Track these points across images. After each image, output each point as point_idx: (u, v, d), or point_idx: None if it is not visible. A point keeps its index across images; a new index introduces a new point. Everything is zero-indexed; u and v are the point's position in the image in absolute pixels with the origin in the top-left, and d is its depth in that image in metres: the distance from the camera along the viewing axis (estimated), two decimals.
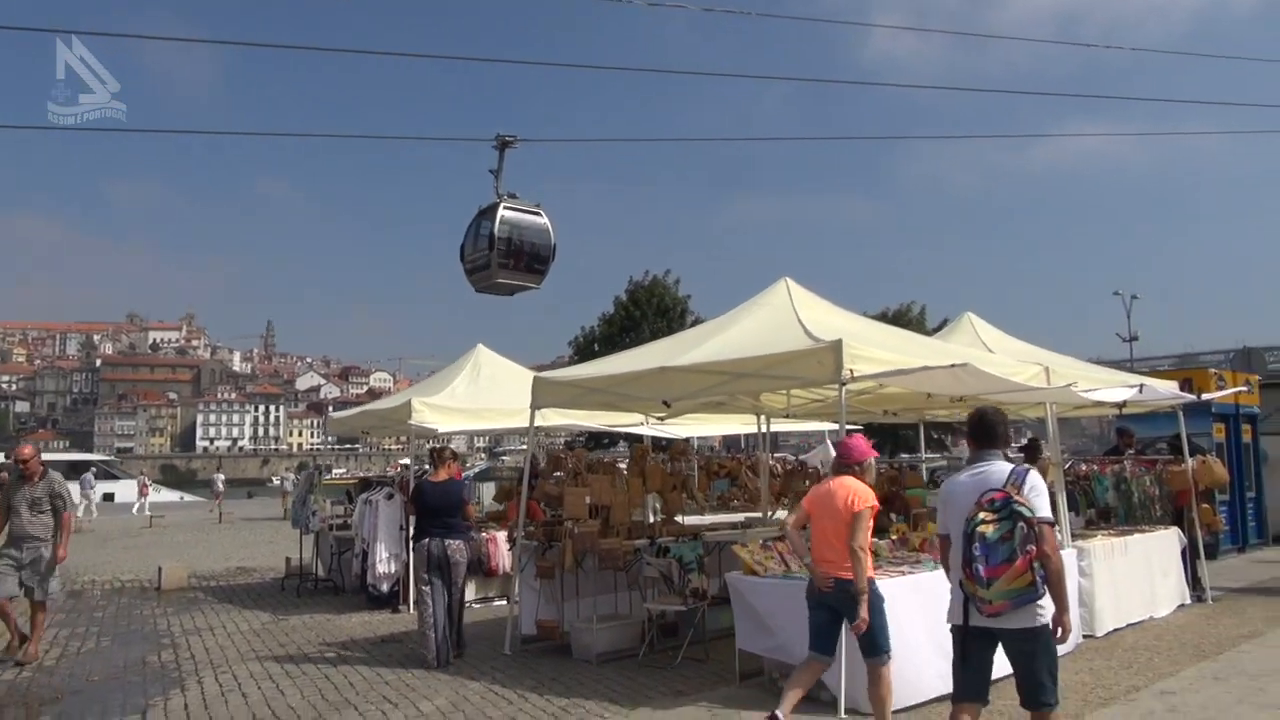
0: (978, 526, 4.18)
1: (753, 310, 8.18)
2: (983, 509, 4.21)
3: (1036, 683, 4.28)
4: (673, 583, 7.71)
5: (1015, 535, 4.13)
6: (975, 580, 4.15)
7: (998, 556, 4.11)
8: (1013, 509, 4.17)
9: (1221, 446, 15.08)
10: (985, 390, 7.47)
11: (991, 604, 4.15)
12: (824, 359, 6.49)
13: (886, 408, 10.18)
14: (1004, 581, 4.10)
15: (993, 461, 4.48)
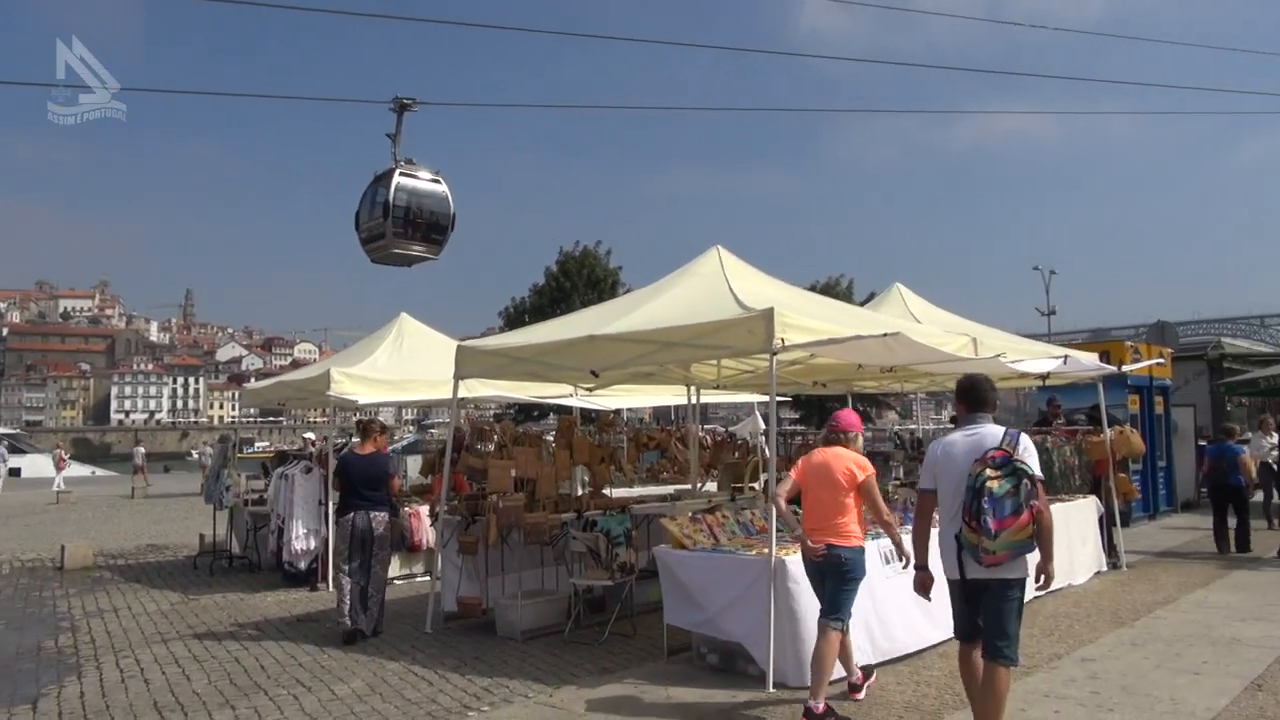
0: (986, 482, 4.41)
1: (684, 279, 8.00)
2: (988, 466, 4.45)
3: (1005, 633, 4.54)
4: (600, 557, 7.54)
5: (1020, 491, 4.40)
6: (982, 532, 4.38)
7: (1004, 510, 4.37)
8: (1015, 467, 4.44)
9: (1136, 417, 15.50)
10: (916, 360, 7.42)
11: (995, 555, 4.40)
12: (755, 328, 6.34)
13: (816, 379, 10.14)
14: (1010, 534, 4.37)
15: (984, 424, 4.74)
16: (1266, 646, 6.88)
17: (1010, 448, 4.50)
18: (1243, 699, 5.62)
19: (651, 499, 9.62)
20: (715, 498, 9.56)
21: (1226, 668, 6.33)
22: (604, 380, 9.21)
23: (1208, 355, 19.87)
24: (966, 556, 4.53)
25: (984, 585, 4.55)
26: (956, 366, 8.09)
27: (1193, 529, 14.32)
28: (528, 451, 7.83)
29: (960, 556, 4.56)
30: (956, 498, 4.58)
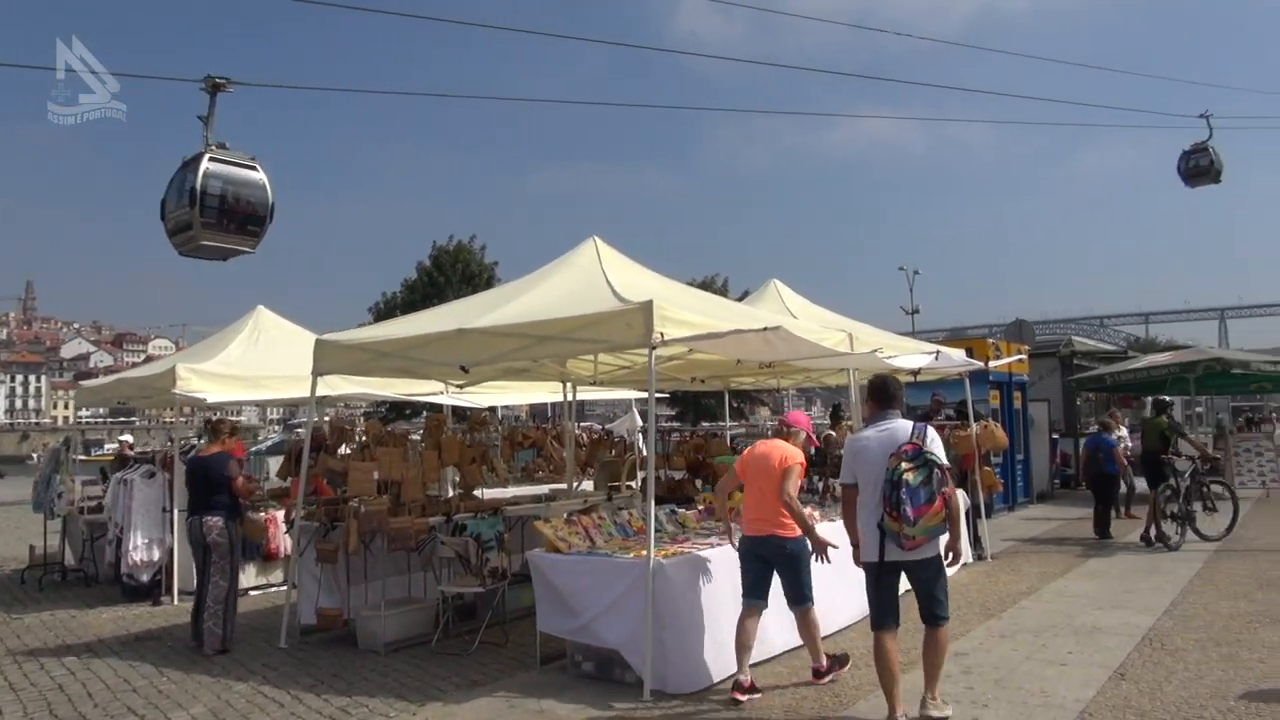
0: (902, 475, 4.83)
1: (559, 270, 7.69)
2: (903, 459, 4.86)
3: (935, 600, 5.07)
4: (469, 562, 7.15)
5: (932, 480, 4.85)
6: (902, 520, 4.80)
7: (920, 499, 4.80)
8: (926, 458, 4.88)
9: (996, 412, 16.08)
10: (794, 356, 7.33)
11: (914, 539, 4.84)
12: (633, 321, 6.09)
13: (695, 374, 9.98)
14: (926, 519, 4.81)
15: (894, 419, 5.17)
16: (1124, 634, 7.09)
17: (919, 440, 4.93)
18: (1108, 689, 5.72)
19: (525, 500, 9.26)
20: (591, 497, 9.29)
21: (1090, 657, 6.47)
22: (475, 376, 8.82)
23: (1060, 352, 20.87)
24: (888, 542, 4.92)
25: (901, 567, 5.03)
26: (833, 362, 8.08)
27: (1048, 519, 14.96)
28: (392, 452, 7.35)
29: (882, 542, 4.95)
30: (875, 489, 4.97)
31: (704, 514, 7.96)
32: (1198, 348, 22.63)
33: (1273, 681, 5.77)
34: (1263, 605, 8.00)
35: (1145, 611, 7.87)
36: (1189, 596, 8.48)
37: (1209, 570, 9.83)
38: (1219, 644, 6.73)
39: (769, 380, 11.38)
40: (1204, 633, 7.08)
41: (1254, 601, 8.16)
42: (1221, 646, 6.65)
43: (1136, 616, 7.67)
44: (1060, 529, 13.81)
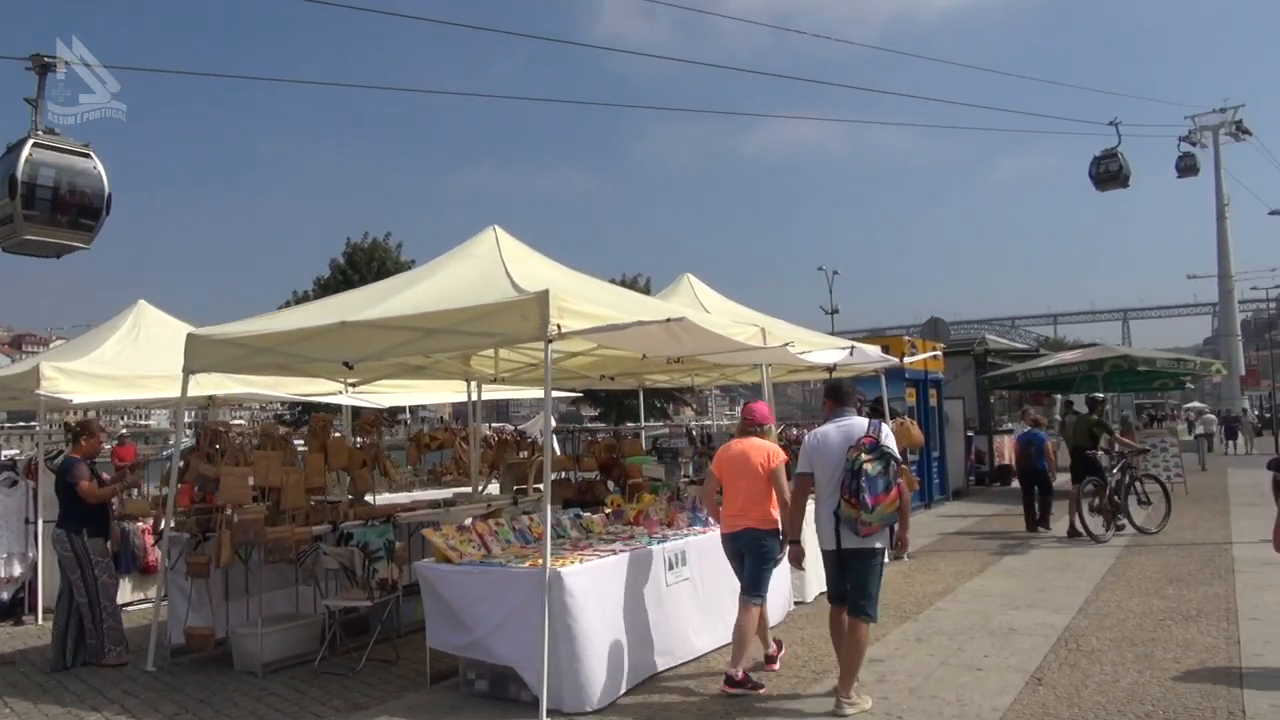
0: (862, 465, 5.12)
1: (456, 260, 7.20)
2: (862, 451, 5.17)
3: (868, 594, 5.32)
4: (354, 574, 6.60)
5: (889, 471, 5.16)
6: (860, 507, 5.09)
7: (877, 488, 5.11)
8: (883, 451, 5.20)
9: (913, 409, 16.07)
10: (703, 350, 6.98)
11: (870, 526, 5.15)
12: (528, 312, 5.65)
13: (604, 372, 9.58)
14: (883, 507, 5.12)
15: (850, 416, 5.53)
16: (1040, 635, 6.92)
17: (876, 435, 5.28)
18: (1025, 695, 5.49)
19: (424, 505, 8.72)
20: (495, 501, 8.80)
21: (1006, 660, 6.26)
22: (366, 374, 8.28)
23: (974, 351, 21.09)
24: (844, 529, 5.23)
25: (855, 554, 5.28)
26: (745, 357, 7.77)
27: (964, 515, 14.97)
28: (270, 456, 6.75)
29: (837, 529, 5.26)
30: (833, 480, 5.27)
31: (611, 517, 7.56)
32: (1105, 345, 23.16)
33: (1188, 684, 5.62)
34: (1174, 601, 7.95)
35: (1060, 610, 7.74)
36: (1102, 594, 8.40)
37: (1120, 566, 9.82)
38: (1133, 643, 6.59)
39: (684, 378, 11.05)
40: (1118, 631, 6.95)
41: (1165, 598, 8.11)
42: (1136, 646, 6.51)
43: (1051, 616, 7.53)
44: (976, 525, 13.81)
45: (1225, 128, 50.30)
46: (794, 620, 7.69)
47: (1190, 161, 46.15)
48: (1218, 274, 51.99)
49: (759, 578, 5.87)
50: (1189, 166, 46.17)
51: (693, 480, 8.78)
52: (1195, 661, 6.09)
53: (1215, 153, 50.10)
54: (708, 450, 9.59)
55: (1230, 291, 52.34)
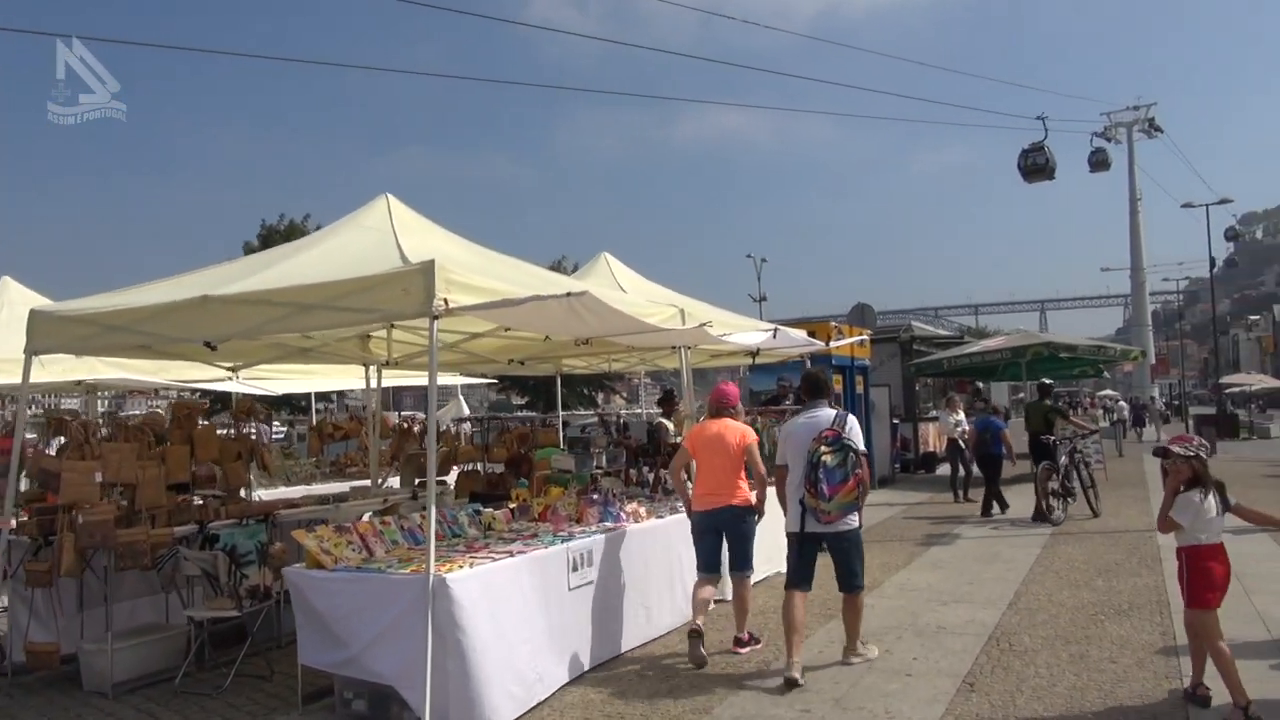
0: (821, 457, 5.42)
1: (343, 231, 6.49)
2: (822, 444, 5.45)
3: (851, 570, 5.76)
4: (217, 581, 5.87)
5: (847, 463, 5.44)
6: (819, 497, 5.42)
7: (835, 479, 5.40)
8: (843, 443, 5.48)
9: (840, 397, 15.77)
10: (615, 331, 6.40)
11: (830, 514, 5.47)
12: (411, 286, 5.00)
13: (514, 356, 8.91)
14: (841, 497, 5.43)
15: (820, 408, 5.80)
16: (971, 633, 6.54)
17: (839, 428, 5.56)
18: (958, 703, 5.05)
19: (312, 500, 7.98)
20: (394, 496, 8.11)
21: (937, 664, 5.84)
22: (243, 357, 7.51)
23: (900, 337, 20.95)
24: (808, 516, 5.56)
25: (821, 538, 5.66)
26: (660, 339, 7.22)
27: (890, 504, 14.71)
28: (122, 449, 5.95)
29: (803, 516, 5.61)
30: (800, 469, 5.56)
31: (516, 512, 6.95)
32: (1028, 332, 23.28)
33: (1127, 686, 5.25)
34: (1104, 594, 7.67)
35: (989, 605, 7.39)
36: (1031, 586, 8.09)
37: (1048, 556, 9.57)
38: (1067, 641, 6.24)
39: (601, 363, 10.46)
40: (1051, 629, 6.60)
41: (1095, 590, 7.83)
42: (1070, 645, 6.15)
43: (981, 612, 7.17)
44: (903, 514, 13.56)
45: (1139, 125, 51.69)
46: (714, 621, 7.19)
47: (1102, 157, 47.17)
48: (1130, 266, 53.51)
49: (745, 553, 6.26)
50: (1100, 161, 47.21)
51: (607, 471, 8.21)
52: (1132, 660, 5.75)
53: (1129, 149, 51.45)
54: (624, 440, 9.04)
55: (1142, 284, 53.94)
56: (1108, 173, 47.09)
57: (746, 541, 6.25)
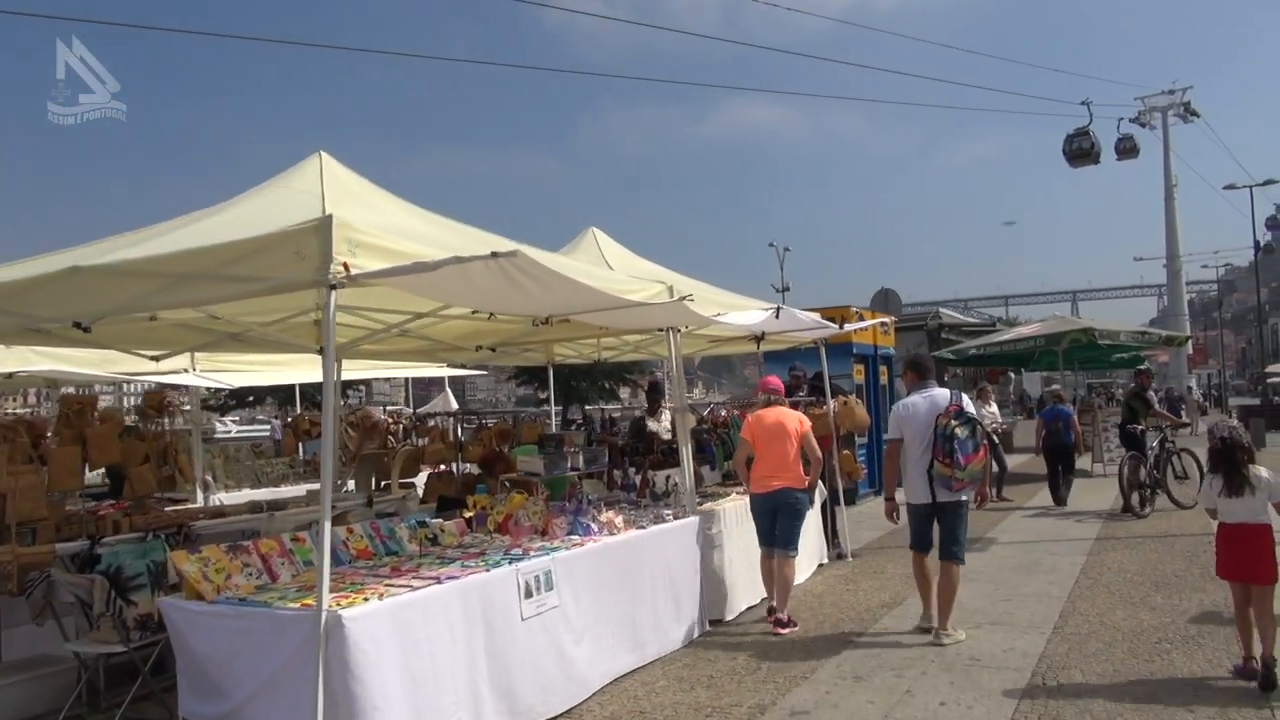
0: (955, 430, 5.84)
1: (264, 194, 5.52)
2: (951, 418, 5.87)
3: (958, 540, 6.11)
4: (90, 608, 4.90)
5: (976, 434, 5.93)
6: (954, 466, 5.81)
7: (969, 449, 5.84)
8: (969, 417, 5.94)
9: (861, 387, 14.65)
10: (575, 306, 5.36)
11: (963, 482, 5.88)
12: (305, 248, 4.00)
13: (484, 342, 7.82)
14: (974, 465, 5.85)
15: (933, 388, 6.22)
16: (1010, 667, 5.45)
17: (959, 403, 5.97)
18: None
19: (243, 509, 7.00)
20: (345, 502, 7.13)
21: (968, 711, 4.76)
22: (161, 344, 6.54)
23: (928, 325, 19.77)
24: (937, 485, 5.92)
25: (944, 507, 6.02)
26: (638, 318, 6.18)
27: None
28: None
29: (932, 486, 5.95)
30: (924, 443, 5.95)
31: (473, 524, 5.95)
32: (1064, 318, 21.95)
33: None
34: (1166, 614, 6.54)
35: (1030, 629, 6.30)
36: (1078, 604, 6.98)
37: (1095, 565, 8.43)
38: (1129, 680, 5.14)
39: (591, 351, 9.41)
40: (1106, 661, 5.50)
41: (1154, 609, 6.71)
42: (1134, 684, 5.05)
43: (1021, 638, 6.07)
44: None
45: (1174, 109, 49.70)
46: (705, 649, 6.16)
47: (1129, 144, 45.36)
48: (1165, 255, 51.59)
49: (792, 533, 6.58)
50: (1128, 149, 45.39)
51: (588, 474, 7.19)
52: (1214, 709, 4.64)
53: (1164, 134, 49.46)
54: (607, 438, 8.02)
55: (1178, 272, 51.97)
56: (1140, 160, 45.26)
57: (797, 521, 6.62)
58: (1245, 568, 4.92)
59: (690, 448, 6.87)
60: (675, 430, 9.79)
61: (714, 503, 7.23)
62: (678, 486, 6.77)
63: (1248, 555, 4.90)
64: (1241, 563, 4.93)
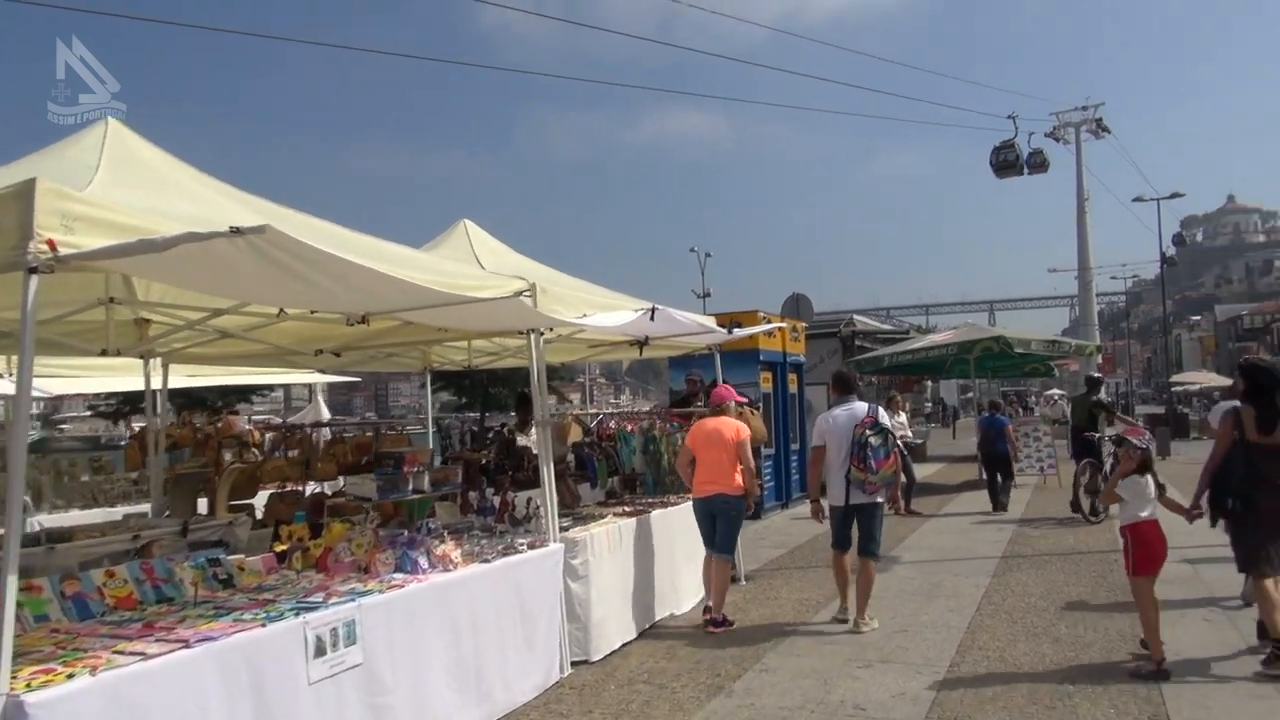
0: (869, 438, 6.57)
1: (42, 160, 4.57)
2: (866, 428, 6.60)
3: (874, 539, 6.81)
4: None
5: (888, 443, 6.67)
6: (868, 470, 6.54)
7: (880, 455, 6.58)
8: (882, 427, 6.69)
9: (767, 396, 14.08)
10: (400, 304, 4.53)
11: (875, 485, 6.62)
12: (4, 220, 3.12)
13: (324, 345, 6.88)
14: (885, 470, 6.61)
15: (853, 402, 6.89)
16: (898, 717, 4.79)
17: (875, 416, 6.71)
18: None
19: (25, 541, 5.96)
20: (152, 530, 6.14)
21: None
22: None
23: (841, 332, 19.36)
24: (853, 489, 6.64)
25: (861, 509, 6.72)
26: (481, 318, 5.39)
27: None
28: None
29: (848, 489, 6.67)
30: (842, 451, 6.66)
31: (288, 558, 5.06)
32: (977, 326, 21.82)
33: None
34: (1070, 647, 6.00)
35: (925, 667, 5.68)
36: (979, 635, 6.41)
37: (999, 588, 7.92)
38: None
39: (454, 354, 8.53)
40: (1005, 709, 4.89)
41: (1058, 641, 6.16)
42: None
43: (914, 679, 5.43)
44: None
45: (1087, 125, 50.88)
46: (559, 699, 5.38)
47: (1040, 158, 46.30)
48: (1077, 267, 52.73)
49: (729, 538, 6.96)
50: (1039, 163, 46.34)
51: (442, 496, 6.36)
52: None
53: (1077, 149, 50.35)
54: (464, 454, 7.17)
55: (1089, 284, 52.96)
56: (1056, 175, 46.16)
57: (733, 528, 6.96)
58: (1156, 561, 5.47)
59: (553, 467, 6.07)
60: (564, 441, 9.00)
61: (584, 527, 6.46)
62: (540, 510, 5.98)
63: (1162, 548, 5.47)
64: (1158, 555, 5.46)
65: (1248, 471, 5.30)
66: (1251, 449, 5.34)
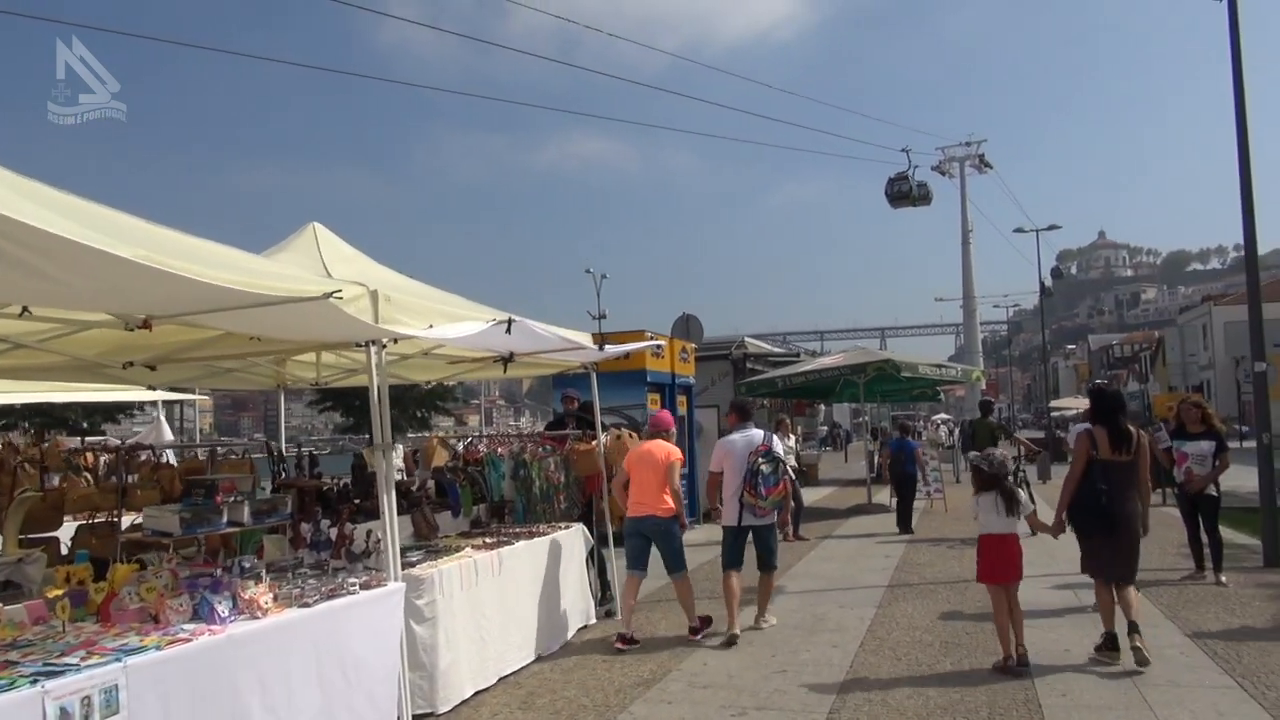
0: (760, 466, 6.99)
1: None
2: (759, 456, 7.03)
3: (770, 551, 7.36)
4: None
5: (778, 470, 7.08)
6: (758, 496, 6.98)
7: (770, 483, 7.00)
8: (774, 455, 7.10)
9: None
10: (181, 307, 3.82)
11: (766, 509, 7.08)
12: None
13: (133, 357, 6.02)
14: (774, 496, 7.04)
15: (751, 429, 7.30)
16: None
17: (768, 444, 7.12)
18: None
19: None
20: None
21: None
22: None
23: (732, 354, 19.09)
24: (745, 512, 7.07)
25: (751, 529, 7.18)
26: (315, 328, 4.71)
27: (713, 542, 12.48)
28: None
29: (741, 512, 7.09)
30: (738, 476, 7.05)
31: (63, 606, 4.25)
32: (867, 350, 21.93)
33: None
34: (954, 688, 5.63)
35: (803, 714, 5.22)
36: (861, 674, 6.00)
37: (884, 620, 7.57)
38: None
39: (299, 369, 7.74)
40: None
41: (943, 682, 5.78)
42: None
43: None
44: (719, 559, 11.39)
45: (970, 160, 52.79)
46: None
47: (924, 190, 47.83)
48: (962, 296, 54.42)
49: (675, 556, 7.11)
50: (923, 195, 47.89)
51: (271, 529, 5.60)
52: None
53: (961, 183, 52.23)
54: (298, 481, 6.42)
55: (973, 312, 54.86)
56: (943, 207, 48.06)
57: (673, 546, 7.10)
58: (1004, 570, 6.02)
59: (399, 495, 5.40)
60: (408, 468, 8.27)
61: (435, 562, 5.80)
62: (380, 544, 5.29)
63: (1010, 559, 6.02)
64: (1005, 565, 6.02)
65: (1101, 485, 5.96)
66: (1105, 466, 5.99)
